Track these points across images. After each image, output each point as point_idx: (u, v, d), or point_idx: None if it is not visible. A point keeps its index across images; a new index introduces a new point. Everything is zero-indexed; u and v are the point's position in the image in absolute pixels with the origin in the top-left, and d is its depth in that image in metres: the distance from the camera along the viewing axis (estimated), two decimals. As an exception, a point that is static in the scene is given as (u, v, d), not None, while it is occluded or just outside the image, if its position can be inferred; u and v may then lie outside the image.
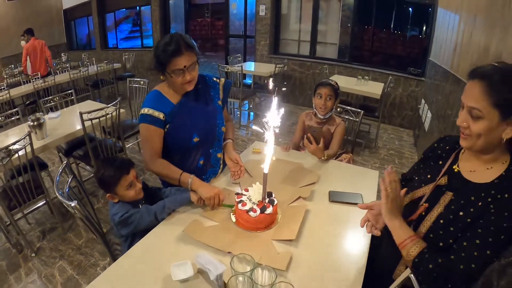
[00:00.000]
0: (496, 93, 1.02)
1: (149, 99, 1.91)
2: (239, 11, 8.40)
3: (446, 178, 1.25)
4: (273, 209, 1.60)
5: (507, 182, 1.08)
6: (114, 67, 8.32)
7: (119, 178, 1.68)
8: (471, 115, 1.09)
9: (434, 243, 1.16)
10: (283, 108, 1.54)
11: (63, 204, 1.59)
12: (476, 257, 1.04)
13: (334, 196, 1.88)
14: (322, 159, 2.32)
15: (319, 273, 1.36)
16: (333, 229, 1.64)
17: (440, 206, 1.20)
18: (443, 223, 1.16)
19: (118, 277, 1.36)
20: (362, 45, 6.85)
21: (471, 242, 1.07)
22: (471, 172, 1.19)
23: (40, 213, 3.58)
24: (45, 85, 6.59)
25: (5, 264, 2.90)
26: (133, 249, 1.51)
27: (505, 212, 1.03)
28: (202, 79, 2.04)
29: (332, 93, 2.51)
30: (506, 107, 1.02)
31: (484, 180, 1.13)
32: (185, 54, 1.75)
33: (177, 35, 1.77)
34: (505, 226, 1.02)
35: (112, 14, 11.27)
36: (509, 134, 1.05)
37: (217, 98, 2.09)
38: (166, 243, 1.54)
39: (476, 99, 1.06)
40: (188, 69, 1.78)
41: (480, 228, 1.06)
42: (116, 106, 3.54)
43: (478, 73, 1.07)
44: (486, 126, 1.06)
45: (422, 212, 1.25)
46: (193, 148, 1.99)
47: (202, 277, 1.33)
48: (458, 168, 1.23)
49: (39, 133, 3.14)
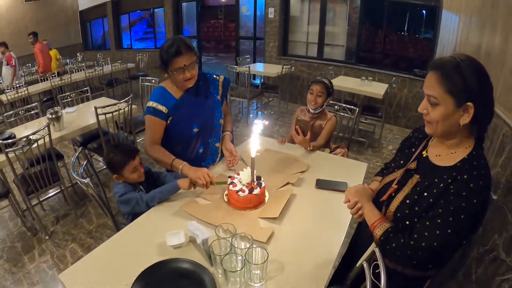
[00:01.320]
0: (448, 81, 1.11)
1: (155, 93, 2.16)
2: (250, 13, 8.59)
3: (415, 163, 1.35)
4: (260, 190, 1.79)
5: (468, 165, 1.15)
6: (128, 67, 8.60)
7: (126, 162, 1.93)
8: (430, 102, 1.18)
9: (401, 222, 1.27)
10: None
11: (76, 189, 1.80)
12: (438, 235, 1.12)
13: (321, 184, 2.03)
14: (308, 149, 2.50)
15: (297, 248, 1.53)
16: (315, 212, 1.82)
17: (408, 188, 1.30)
18: (409, 203, 1.26)
19: (119, 244, 1.60)
20: (369, 47, 6.97)
21: (433, 221, 1.14)
22: (437, 156, 1.28)
23: (55, 200, 3.84)
24: (62, 83, 6.86)
25: (20, 246, 3.17)
26: (135, 222, 1.74)
27: (463, 191, 1.10)
28: (203, 76, 2.28)
29: (324, 90, 2.68)
30: (459, 94, 1.10)
31: (448, 163, 1.21)
32: (185, 55, 1.97)
33: (178, 38, 2.01)
34: (463, 206, 1.09)
35: (127, 15, 11.57)
36: (465, 119, 1.12)
37: (216, 93, 2.32)
38: (164, 216, 1.78)
39: (432, 87, 1.15)
40: (188, 68, 2.01)
41: (441, 208, 1.13)
42: (128, 102, 3.78)
43: (434, 64, 1.18)
44: (443, 112, 1.14)
45: (392, 193, 1.35)
46: (193, 137, 2.22)
47: (193, 245, 1.54)
48: (427, 154, 1.33)
49: (57, 125, 3.39)
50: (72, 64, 9.15)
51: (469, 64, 1.11)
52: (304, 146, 2.50)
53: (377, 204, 1.42)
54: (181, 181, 1.88)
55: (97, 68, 7.87)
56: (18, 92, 6.07)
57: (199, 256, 1.47)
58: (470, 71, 1.10)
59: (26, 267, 2.90)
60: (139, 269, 1.35)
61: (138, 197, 1.86)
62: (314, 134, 2.72)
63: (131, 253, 1.52)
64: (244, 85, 6.07)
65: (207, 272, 1.34)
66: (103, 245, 1.58)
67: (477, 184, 1.11)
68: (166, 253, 1.48)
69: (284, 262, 1.43)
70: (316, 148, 2.56)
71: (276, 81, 6.83)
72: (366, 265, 1.31)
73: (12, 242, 3.23)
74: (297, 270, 1.40)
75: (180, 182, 1.87)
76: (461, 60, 1.12)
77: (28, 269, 2.88)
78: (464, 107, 1.11)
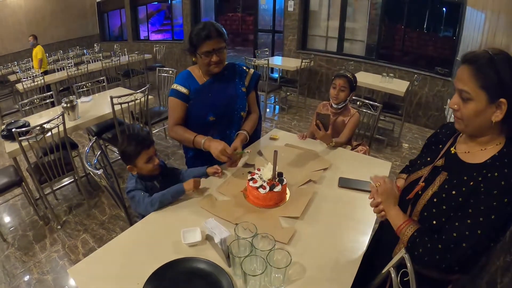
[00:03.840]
0: (482, 75, 1.06)
1: (179, 77, 2.19)
2: (268, 6, 8.46)
3: (443, 160, 1.29)
4: (281, 187, 1.70)
5: (499, 162, 1.10)
6: (145, 58, 8.59)
7: (140, 151, 1.83)
8: (461, 97, 1.12)
9: (428, 221, 1.21)
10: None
11: (89, 179, 1.74)
12: (468, 236, 1.07)
13: (344, 182, 1.94)
14: (330, 145, 2.39)
15: (319, 249, 1.44)
16: (338, 212, 1.71)
17: (435, 186, 1.24)
18: (437, 201, 1.20)
19: (131, 240, 1.52)
20: (389, 43, 6.79)
21: (462, 222, 1.10)
22: (466, 153, 1.22)
23: (68, 190, 3.83)
24: (79, 73, 6.87)
25: (31, 234, 3.15)
26: (148, 217, 1.66)
27: (494, 190, 1.05)
28: (232, 66, 2.24)
29: (347, 85, 2.57)
30: (493, 89, 1.05)
31: (477, 160, 1.16)
32: (214, 39, 1.96)
33: (210, 23, 2.00)
34: (495, 205, 1.04)
35: (144, 7, 11.57)
36: (498, 116, 1.07)
37: (241, 85, 2.24)
38: (180, 212, 1.69)
39: (465, 81, 1.10)
40: (216, 52, 1.99)
41: (471, 208, 1.09)
42: (145, 92, 3.72)
43: (468, 58, 1.11)
44: (475, 108, 1.09)
45: (419, 191, 1.30)
46: (208, 126, 2.16)
47: (209, 243, 1.45)
48: (455, 150, 1.27)
49: (72, 114, 3.35)
50: (89, 55, 9.16)
51: (503, 59, 1.06)
52: (326, 141, 2.39)
53: (402, 203, 1.37)
54: (186, 183, 1.78)
55: (114, 58, 7.87)
56: (35, 81, 6.08)
57: (216, 255, 1.38)
58: (505, 65, 1.05)
59: (37, 256, 2.88)
60: (152, 268, 1.28)
61: (141, 197, 1.76)
62: (336, 130, 2.62)
63: (144, 250, 1.44)
64: (262, 78, 5.96)
65: (225, 274, 1.26)
66: (115, 240, 1.51)
67: (508, 183, 1.05)
68: (181, 251, 1.40)
69: (305, 265, 1.34)
70: (338, 144, 2.45)
71: (295, 75, 6.70)
72: (394, 272, 1.23)
73: (24, 230, 3.22)
74: (319, 274, 1.32)
75: (185, 184, 1.77)
76: (495, 54, 1.06)
77: (39, 258, 2.85)
78: (497, 103, 1.06)
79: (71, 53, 10.29)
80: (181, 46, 10.08)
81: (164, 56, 9.53)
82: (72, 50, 10.67)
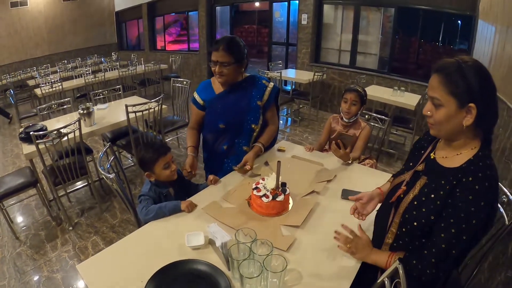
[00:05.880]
0: (450, 82, 1.13)
1: (200, 85, 2.43)
2: (283, 19, 8.57)
3: (423, 165, 1.36)
4: (284, 197, 1.75)
5: (474, 166, 1.16)
6: (161, 68, 8.76)
7: (157, 158, 1.92)
8: (433, 104, 1.19)
9: (409, 223, 1.28)
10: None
11: (102, 184, 1.83)
12: (454, 243, 1.15)
13: (346, 194, 1.96)
14: (347, 162, 2.41)
15: (317, 259, 1.48)
16: (339, 223, 1.71)
17: (416, 189, 1.31)
18: (417, 204, 1.27)
19: (138, 241, 1.61)
20: (402, 56, 6.80)
21: (447, 232, 1.16)
22: (444, 158, 1.28)
23: (81, 193, 3.95)
24: (96, 81, 7.04)
25: (44, 234, 3.28)
26: (156, 221, 1.74)
27: (469, 195, 1.12)
28: (251, 79, 2.37)
29: (358, 99, 2.62)
30: (462, 95, 1.12)
31: (454, 165, 1.22)
32: (220, 52, 2.10)
33: (228, 37, 2.18)
34: (473, 211, 1.11)
35: (162, 17, 11.80)
36: (469, 121, 1.13)
37: (257, 98, 2.33)
38: (185, 217, 1.78)
39: (435, 89, 1.17)
40: (219, 64, 2.13)
41: (452, 217, 1.15)
42: (159, 102, 3.82)
43: (437, 66, 1.19)
44: (446, 114, 1.16)
45: (401, 195, 1.36)
46: (219, 132, 2.35)
47: (212, 247, 1.52)
48: (434, 155, 1.33)
49: (88, 121, 3.47)
50: (107, 63, 9.38)
51: (471, 66, 1.12)
52: (344, 159, 2.39)
53: (386, 206, 1.45)
54: (183, 202, 1.83)
55: (131, 67, 8.04)
56: (53, 87, 6.26)
57: (217, 259, 1.45)
58: (472, 72, 1.11)
59: (48, 255, 2.98)
60: (156, 267, 1.35)
61: (145, 204, 1.84)
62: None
63: (150, 251, 1.52)
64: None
65: (223, 276, 1.32)
66: (123, 240, 1.60)
67: (482, 186, 1.12)
68: (184, 254, 1.47)
69: (302, 273, 1.39)
70: (355, 159, 2.47)
71: (307, 88, 6.74)
72: (388, 282, 1.26)
73: (37, 230, 3.34)
74: (315, 282, 1.36)
75: (183, 203, 1.83)
76: (464, 62, 1.13)
77: (49, 257, 2.96)
78: (466, 108, 1.13)
79: (89, 61, 10.56)
80: (196, 57, 10.24)
81: (179, 67, 9.68)
82: (90, 58, 10.95)
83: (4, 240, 3.25)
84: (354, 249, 1.41)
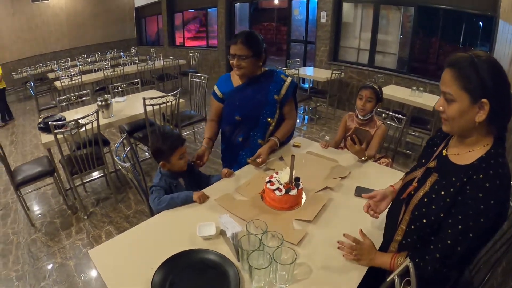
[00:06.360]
0: (463, 77, 1.10)
1: (220, 79, 2.50)
2: (302, 17, 8.53)
3: (435, 162, 1.33)
4: (297, 191, 1.75)
5: (485, 163, 1.13)
6: (179, 63, 8.81)
7: (175, 148, 1.95)
8: (446, 99, 1.17)
9: (418, 220, 1.26)
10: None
11: (118, 175, 1.86)
12: (461, 240, 1.13)
13: (360, 191, 1.94)
14: (362, 159, 2.39)
15: (328, 254, 1.47)
16: (351, 219, 1.73)
17: (426, 186, 1.29)
18: (427, 201, 1.25)
19: (150, 229, 1.63)
20: (421, 56, 6.69)
21: (454, 228, 1.14)
22: (456, 155, 1.25)
23: (97, 184, 4.02)
24: (114, 74, 7.12)
25: (59, 222, 3.36)
26: (169, 210, 1.76)
27: (479, 193, 1.09)
28: (270, 73, 2.39)
29: (373, 95, 2.58)
30: (474, 90, 1.09)
31: (465, 162, 1.19)
32: (238, 45, 2.14)
33: (246, 31, 2.22)
34: (482, 209, 1.08)
35: (181, 14, 11.89)
36: (481, 117, 1.11)
37: (275, 92, 2.34)
38: (198, 207, 1.79)
39: (448, 84, 1.14)
40: (236, 57, 2.16)
41: (460, 214, 1.13)
42: (176, 96, 3.85)
43: (450, 61, 1.15)
44: (458, 109, 1.13)
45: (412, 192, 1.34)
46: (235, 124, 2.40)
47: (223, 238, 1.52)
48: (446, 152, 1.30)
49: (106, 112, 3.52)
50: (126, 58, 9.49)
51: (484, 61, 1.10)
52: (359, 156, 2.37)
53: (397, 202, 1.44)
54: (196, 193, 1.84)
55: (149, 62, 8.11)
56: (72, 80, 6.36)
57: (227, 250, 1.45)
58: (485, 67, 1.09)
59: (62, 242, 3.05)
60: (167, 256, 1.37)
61: (156, 194, 1.86)
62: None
63: (161, 239, 1.54)
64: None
65: (232, 266, 1.32)
66: (135, 228, 1.62)
67: (493, 184, 1.09)
68: (195, 243, 1.48)
69: (312, 267, 1.38)
70: (370, 158, 2.45)
71: (325, 86, 6.69)
72: (398, 280, 1.25)
73: (52, 217, 3.42)
74: (325, 277, 1.35)
75: (195, 193, 1.84)
76: (477, 57, 1.10)
77: (63, 244, 3.03)
78: (479, 103, 1.10)
79: (109, 55, 10.70)
80: (215, 54, 10.28)
81: (198, 63, 9.73)
82: (110, 53, 11.10)
83: (19, 227, 3.33)
84: (360, 256, 1.41)
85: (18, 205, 3.49)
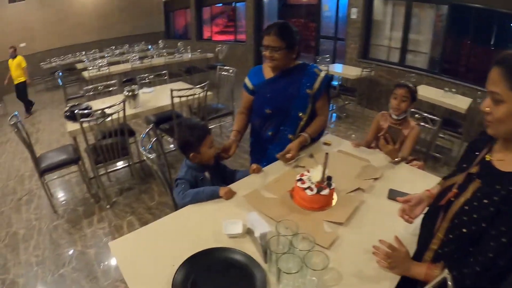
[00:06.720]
0: None
1: (251, 70, 2.45)
2: (331, 13, 8.38)
3: (478, 167, 1.23)
4: (329, 191, 1.66)
5: None
6: (207, 57, 8.81)
7: (204, 137, 1.91)
8: (493, 100, 1.07)
9: (458, 229, 1.17)
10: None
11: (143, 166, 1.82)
12: (503, 253, 1.05)
13: (393, 194, 1.85)
14: (395, 160, 2.28)
15: (359, 258, 1.39)
16: (384, 223, 1.64)
17: (468, 193, 1.19)
18: (468, 209, 1.15)
19: (174, 224, 1.59)
20: (453, 57, 6.43)
21: (496, 241, 1.06)
22: (501, 161, 1.16)
23: (121, 173, 4.05)
24: (142, 66, 7.16)
25: (81, 210, 3.39)
26: (194, 205, 1.71)
27: None
28: (303, 66, 2.30)
29: (408, 94, 2.48)
30: None
31: (511, 169, 1.11)
32: (271, 36, 2.08)
33: (280, 22, 2.14)
34: None
35: (209, 8, 11.91)
36: None
37: (307, 86, 2.26)
38: (224, 203, 1.73)
39: (496, 83, 1.05)
40: (269, 49, 2.10)
41: (504, 225, 1.05)
42: (204, 88, 3.81)
43: (499, 59, 1.06)
44: (506, 111, 1.04)
45: (452, 198, 1.25)
46: (265, 117, 2.34)
47: (249, 237, 1.45)
48: (490, 157, 1.21)
49: (132, 103, 3.52)
50: (154, 50, 9.56)
51: None
52: (392, 156, 2.27)
53: (434, 208, 1.35)
54: (222, 189, 1.79)
55: (177, 55, 8.13)
56: (100, 71, 6.42)
57: (254, 250, 1.38)
58: None
59: (84, 230, 3.07)
60: (189, 252, 1.32)
61: (181, 188, 1.82)
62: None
63: (184, 235, 1.48)
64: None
65: (259, 268, 1.26)
66: (158, 222, 1.57)
67: None
68: (220, 241, 1.42)
69: (342, 273, 1.30)
70: (402, 159, 2.32)
71: (354, 84, 6.57)
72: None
73: (75, 205, 3.45)
74: (355, 284, 1.27)
75: (221, 189, 1.79)
76: None
77: (85, 232, 3.04)
78: None
79: (137, 48, 10.80)
80: (243, 48, 10.23)
81: (226, 56, 9.71)
82: (138, 45, 11.20)
83: (42, 213, 3.37)
84: (394, 264, 1.31)
85: (42, 192, 3.53)
